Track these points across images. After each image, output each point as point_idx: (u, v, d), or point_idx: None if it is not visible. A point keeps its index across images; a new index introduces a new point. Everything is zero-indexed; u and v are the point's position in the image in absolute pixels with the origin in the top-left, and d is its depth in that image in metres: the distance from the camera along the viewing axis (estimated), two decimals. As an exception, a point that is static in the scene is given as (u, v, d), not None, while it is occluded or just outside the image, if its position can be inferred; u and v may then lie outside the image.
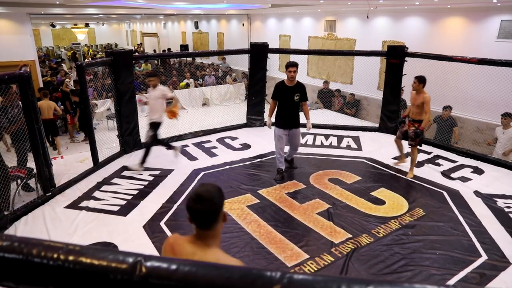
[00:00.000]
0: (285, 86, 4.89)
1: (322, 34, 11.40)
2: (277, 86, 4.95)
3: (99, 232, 3.80)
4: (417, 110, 5.04)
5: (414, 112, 5.10)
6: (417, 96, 4.99)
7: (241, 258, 3.41)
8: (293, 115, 4.95)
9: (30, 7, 10.06)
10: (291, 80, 4.86)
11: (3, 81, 3.88)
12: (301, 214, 4.21)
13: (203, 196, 1.47)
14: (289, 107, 4.89)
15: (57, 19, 20.95)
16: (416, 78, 4.98)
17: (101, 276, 0.68)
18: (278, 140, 5.00)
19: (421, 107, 4.98)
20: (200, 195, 1.47)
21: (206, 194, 1.48)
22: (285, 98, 4.88)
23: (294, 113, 4.94)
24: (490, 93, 6.65)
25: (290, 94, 4.85)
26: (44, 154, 4.35)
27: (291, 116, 4.94)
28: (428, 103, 4.92)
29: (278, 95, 4.93)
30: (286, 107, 4.89)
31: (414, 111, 5.10)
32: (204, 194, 1.47)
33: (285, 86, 4.89)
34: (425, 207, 4.40)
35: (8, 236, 0.76)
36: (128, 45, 28.68)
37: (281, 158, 5.05)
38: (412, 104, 5.10)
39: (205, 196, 1.47)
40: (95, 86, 11.18)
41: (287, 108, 4.89)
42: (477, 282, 3.15)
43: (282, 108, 4.92)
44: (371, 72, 9.11)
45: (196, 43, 18.81)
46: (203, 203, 1.46)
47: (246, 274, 0.66)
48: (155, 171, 5.30)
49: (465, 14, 7.81)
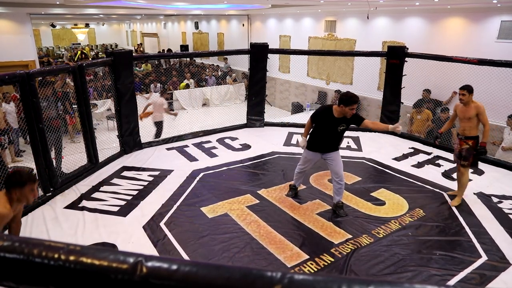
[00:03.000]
0: (331, 115, 3.99)
1: (322, 35, 11.40)
2: (322, 111, 4.08)
3: (99, 233, 3.80)
4: (469, 124, 4.27)
5: (466, 127, 4.31)
6: (467, 108, 4.25)
7: (241, 258, 3.43)
8: (332, 142, 4.15)
9: (30, 7, 10.07)
10: (343, 114, 3.96)
11: (3, 81, 3.88)
12: (301, 214, 4.21)
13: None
14: (329, 135, 4.10)
15: (57, 19, 20.97)
16: (465, 89, 4.21)
17: (102, 276, 0.68)
18: (304, 162, 4.39)
19: (474, 120, 4.23)
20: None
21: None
22: (326, 126, 4.08)
23: (333, 140, 4.15)
24: (490, 94, 6.65)
25: (335, 125, 4.02)
26: (44, 154, 4.35)
27: (329, 142, 4.14)
28: (484, 112, 4.17)
29: (319, 121, 4.10)
30: (325, 134, 4.12)
31: (465, 125, 4.31)
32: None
33: (331, 116, 3.99)
34: (425, 207, 4.40)
35: (8, 236, 0.76)
36: (128, 45, 28.69)
37: (299, 175, 4.54)
38: (461, 119, 4.33)
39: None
40: (95, 87, 11.19)
41: (326, 135, 4.12)
42: (477, 283, 3.15)
43: (320, 133, 4.14)
44: (371, 72, 9.12)
45: (196, 44, 18.82)
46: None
47: (247, 274, 0.66)
48: (155, 172, 5.30)
49: (465, 15, 7.82)
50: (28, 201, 2.53)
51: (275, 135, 6.97)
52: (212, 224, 3.98)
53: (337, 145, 4.19)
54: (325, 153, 4.18)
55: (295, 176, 4.59)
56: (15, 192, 2.43)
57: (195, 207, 4.34)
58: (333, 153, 4.17)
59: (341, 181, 4.19)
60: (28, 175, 2.50)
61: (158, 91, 11.88)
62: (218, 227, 3.92)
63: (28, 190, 2.46)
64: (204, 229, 3.88)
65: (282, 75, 13.06)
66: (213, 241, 3.70)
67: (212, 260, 3.40)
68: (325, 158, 4.21)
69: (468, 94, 4.21)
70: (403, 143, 6.59)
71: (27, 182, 2.45)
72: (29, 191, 2.47)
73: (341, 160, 4.22)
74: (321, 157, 4.23)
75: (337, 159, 4.17)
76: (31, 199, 2.54)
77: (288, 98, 12.98)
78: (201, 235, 3.78)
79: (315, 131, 4.16)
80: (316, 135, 4.16)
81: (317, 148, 4.20)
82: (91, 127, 5.25)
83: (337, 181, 4.20)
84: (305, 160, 4.37)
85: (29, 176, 2.49)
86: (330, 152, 4.16)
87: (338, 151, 4.21)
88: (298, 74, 11.39)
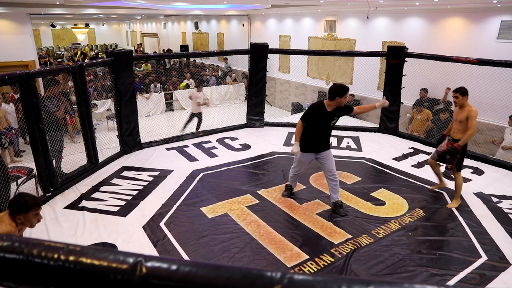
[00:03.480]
0: (324, 111, 4.02)
1: (322, 35, 11.40)
2: (313, 110, 4.07)
3: (98, 233, 3.80)
4: (459, 126, 4.23)
5: (456, 130, 4.29)
6: (460, 111, 4.21)
7: (241, 259, 3.43)
8: (325, 139, 4.19)
9: (30, 7, 10.07)
10: (337, 105, 4.01)
11: (3, 81, 3.88)
12: (301, 214, 4.21)
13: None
14: (323, 132, 4.15)
15: (57, 19, 20.97)
16: (457, 92, 4.16)
17: (101, 277, 0.68)
18: (297, 164, 4.37)
19: (464, 123, 4.17)
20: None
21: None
22: (320, 124, 4.09)
23: (326, 136, 4.19)
24: (490, 94, 6.65)
25: (328, 119, 4.06)
26: (44, 154, 4.35)
27: (323, 140, 4.18)
28: (474, 118, 4.08)
29: (312, 120, 4.06)
30: (318, 132, 4.13)
31: (455, 128, 4.29)
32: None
33: (324, 111, 4.02)
34: (425, 207, 4.40)
35: (8, 236, 0.76)
36: (128, 46, 28.71)
37: (294, 177, 4.54)
38: (454, 120, 4.32)
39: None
40: (95, 87, 11.19)
41: (319, 133, 4.14)
42: (477, 283, 3.15)
43: (313, 132, 4.12)
44: (371, 72, 9.12)
45: (196, 44, 18.83)
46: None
47: (246, 274, 0.66)
48: (154, 172, 5.30)
49: (465, 15, 7.82)
50: (31, 225, 2.49)
51: (275, 135, 6.97)
52: (212, 224, 3.98)
53: (329, 142, 4.25)
54: (319, 152, 4.20)
55: (290, 178, 4.61)
56: (19, 217, 2.40)
57: (195, 207, 4.34)
58: (326, 152, 4.20)
59: (336, 178, 4.23)
60: (33, 200, 2.46)
61: (158, 91, 11.90)
62: (218, 227, 3.92)
63: (33, 215, 2.44)
64: (204, 229, 3.88)
65: (282, 75, 13.06)
66: (213, 241, 3.69)
67: (212, 260, 3.40)
68: (318, 158, 4.23)
69: (462, 97, 4.15)
70: (403, 143, 6.59)
71: (31, 207, 2.42)
72: (33, 216, 2.45)
73: (333, 157, 4.27)
74: (314, 157, 4.24)
75: (330, 157, 4.22)
76: (35, 224, 2.50)
77: (288, 98, 12.99)
78: (201, 235, 3.78)
79: (308, 132, 4.12)
80: (309, 135, 4.13)
81: (311, 149, 4.18)
82: (91, 127, 5.25)
83: (332, 178, 4.23)
84: (299, 162, 4.35)
85: (34, 201, 2.45)
86: (323, 151, 4.19)
87: (330, 149, 4.26)
88: (298, 74, 11.39)
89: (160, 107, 11.81)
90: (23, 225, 2.48)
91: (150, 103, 11.52)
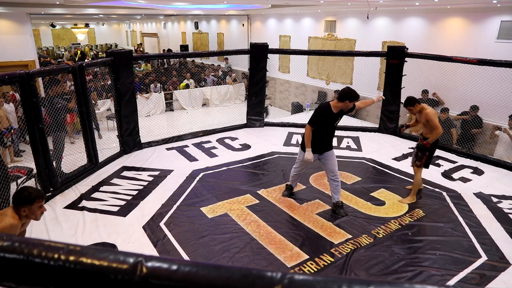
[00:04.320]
0: (330, 112, 4.03)
1: (322, 35, 11.40)
2: (321, 113, 4.06)
3: (98, 233, 3.80)
4: (425, 129, 4.45)
5: (424, 132, 4.52)
6: (420, 116, 4.42)
7: (241, 259, 3.43)
8: (329, 140, 4.21)
9: (30, 7, 10.06)
10: (342, 108, 4.03)
11: (3, 81, 3.88)
12: (301, 214, 4.21)
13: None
14: (327, 133, 4.17)
15: (57, 19, 20.96)
16: (407, 105, 4.40)
17: (101, 277, 0.68)
18: (300, 164, 4.40)
19: (428, 125, 4.37)
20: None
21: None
22: (326, 126, 4.11)
23: (330, 137, 4.22)
24: (490, 94, 6.65)
25: (333, 121, 4.10)
26: (44, 154, 4.35)
27: (326, 141, 4.20)
28: (432, 118, 4.27)
29: (320, 123, 4.08)
30: (323, 133, 4.15)
31: (424, 130, 4.52)
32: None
33: (331, 113, 4.04)
34: (425, 207, 4.40)
35: (8, 236, 0.76)
36: (128, 45, 28.69)
37: (296, 176, 4.57)
38: (421, 123, 4.57)
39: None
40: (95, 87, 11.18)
41: (323, 134, 4.15)
42: (477, 283, 3.15)
43: (318, 134, 4.12)
44: (371, 72, 9.12)
45: (196, 44, 18.83)
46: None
47: (246, 274, 0.66)
48: (154, 172, 5.30)
49: (465, 15, 7.82)
50: (36, 217, 2.52)
51: (275, 135, 6.97)
52: (212, 224, 3.98)
53: (332, 143, 4.27)
54: (322, 153, 4.20)
55: (291, 178, 4.61)
56: (24, 209, 2.43)
57: (195, 207, 4.34)
58: (329, 152, 4.21)
59: (337, 178, 4.24)
60: (36, 192, 2.51)
61: (158, 91, 11.90)
62: (218, 227, 3.93)
63: (37, 207, 2.48)
64: (204, 229, 3.88)
65: (282, 75, 13.06)
66: (213, 241, 3.69)
67: (212, 260, 3.40)
68: (321, 158, 4.23)
69: (413, 107, 4.36)
70: (403, 143, 6.59)
71: (36, 199, 2.46)
72: (38, 208, 2.49)
73: (336, 158, 4.26)
74: (317, 158, 4.23)
75: (332, 158, 4.21)
76: (39, 216, 2.54)
77: (288, 98, 12.99)
78: (201, 235, 3.78)
79: (314, 134, 4.12)
80: (313, 137, 4.12)
81: (315, 150, 4.17)
82: (91, 127, 5.25)
83: (333, 178, 4.23)
84: (302, 162, 4.35)
85: (37, 193, 2.50)
86: (326, 151, 4.20)
87: (333, 150, 4.27)
88: (298, 74, 11.39)
89: (160, 107, 11.80)
90: (27, 218, 2.51)
91: (150, 103, 11.51)
